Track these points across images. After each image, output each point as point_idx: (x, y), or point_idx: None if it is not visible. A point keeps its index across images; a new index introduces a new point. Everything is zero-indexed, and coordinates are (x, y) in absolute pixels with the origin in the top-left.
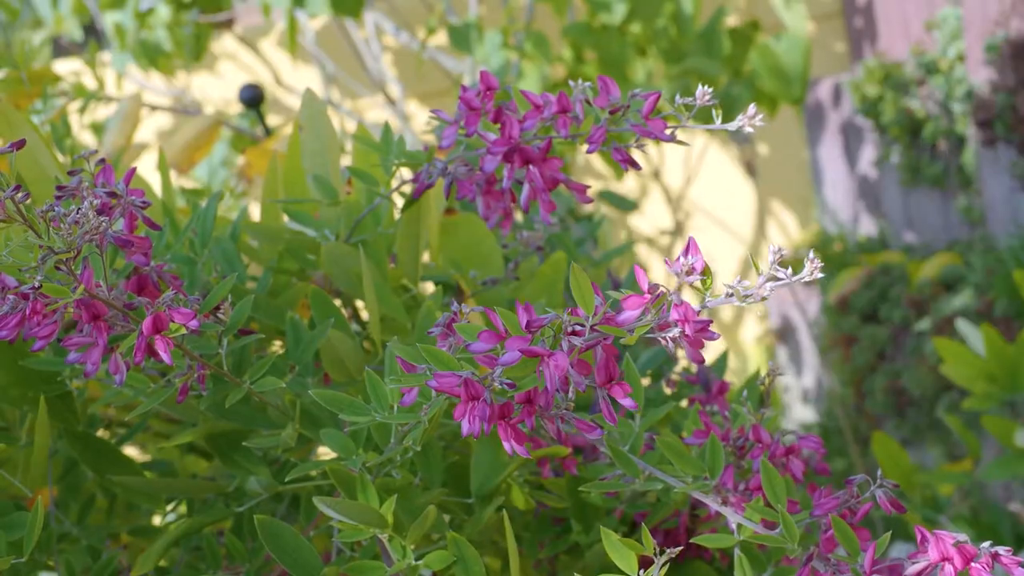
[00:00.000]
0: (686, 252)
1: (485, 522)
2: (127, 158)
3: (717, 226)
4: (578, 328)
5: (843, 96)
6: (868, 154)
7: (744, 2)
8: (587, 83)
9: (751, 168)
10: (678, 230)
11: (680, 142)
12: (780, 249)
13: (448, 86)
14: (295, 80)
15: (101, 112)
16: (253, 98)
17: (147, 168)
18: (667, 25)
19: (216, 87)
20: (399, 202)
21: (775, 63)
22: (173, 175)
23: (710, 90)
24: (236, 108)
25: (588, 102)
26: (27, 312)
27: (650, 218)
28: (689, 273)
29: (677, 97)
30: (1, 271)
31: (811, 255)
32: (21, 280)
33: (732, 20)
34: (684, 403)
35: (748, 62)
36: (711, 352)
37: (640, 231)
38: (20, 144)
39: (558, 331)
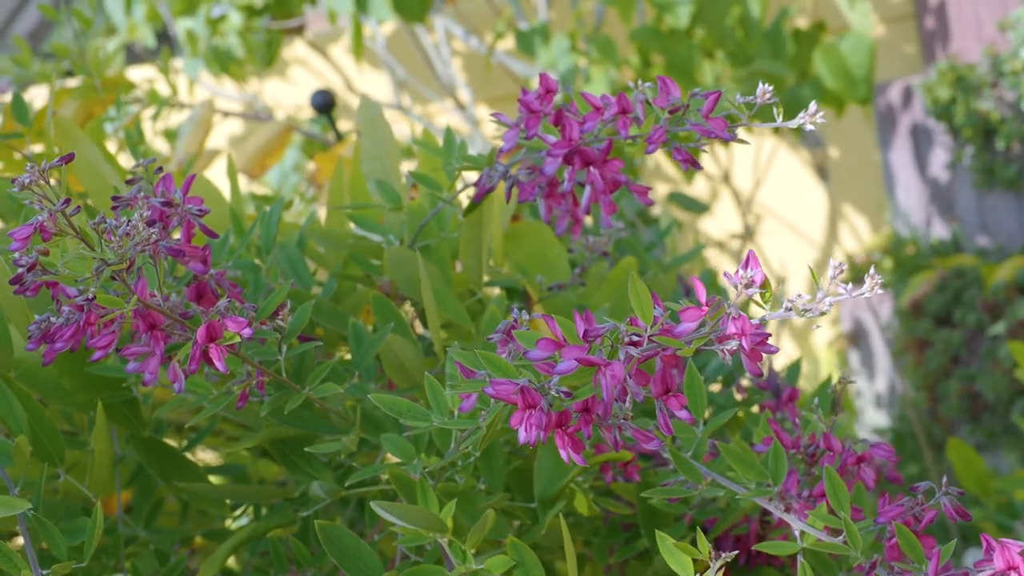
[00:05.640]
0: (745, 264)
1: (551, 526)
2: (200, 164)
3: (788, 230)
4: (635, 339)
5: (914, 98)
6: (940, 157)
7: (810, 3)
8: (647, 83)
9: (823, 171)
10: (748, 234)
11: (742, 141)
12: (841, 264)
13: (517, 91)
14: (366, 85)
15: (174, 118)
16: (324, 103)
17: (219, 173)
18: (734, 28)
19: (287, 93)
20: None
21: (840, 63)
22: (245, 181)
23: (770, 88)
24: (307, 113)
25: (649, 103)
26: (81, 324)
27: (720, 221)
28: (748, 286)
29: (738, 96)
30: (59, 282)
31: (872, 270)
32: (82, 289)
33: (800, 22)
34: (755, 409)
35: (814, 63)
36: (783, 358)
37: (710, 234)
38: (69, 158)
39: (616, 341)
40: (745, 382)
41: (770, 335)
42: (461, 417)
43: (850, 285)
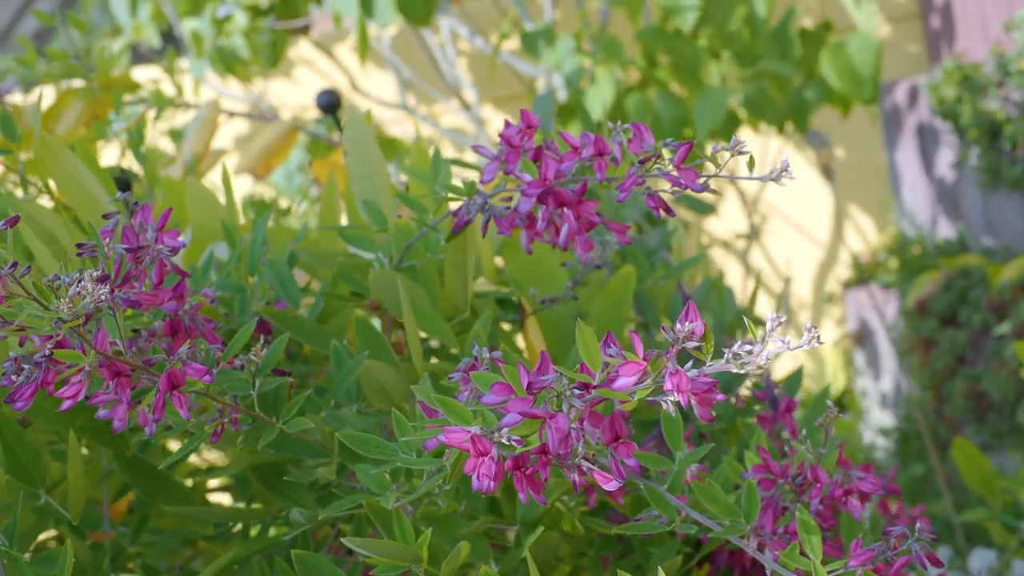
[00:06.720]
0: (685, 316)
1: (540, 543)
2: (205, 164)
3: (793, 229)
4: (579, 391)
5: (920, 98)
6: (946, 156)
7: (816, 3)
8: (625, 125)
9: (828, 171)
10: (754, 234)
11: (712, 191)
12: (780, 316)
13: (523, 91)
14: (371, 85)
15: (180, 119)
16: (330, 103)
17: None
18: (740, 28)
19: (292, 93)
20: None
21: (847, 63)
22: (250, 181)
23: (744, 141)
24: (312, 113)
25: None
26: (39, 383)
27: (726, 221)
28: (688, 338)
29: (713, 145)
30: (21, 335)
31: (809, 325)
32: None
33: (806, 22)
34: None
35: (820, 63)
36: (787, 359)
37: (716, 234)
38: (13, 221)
39: (560, 393)
40: (743, 390)
41: (717, 383)
42: (428, 454)
43: (788, 337)
